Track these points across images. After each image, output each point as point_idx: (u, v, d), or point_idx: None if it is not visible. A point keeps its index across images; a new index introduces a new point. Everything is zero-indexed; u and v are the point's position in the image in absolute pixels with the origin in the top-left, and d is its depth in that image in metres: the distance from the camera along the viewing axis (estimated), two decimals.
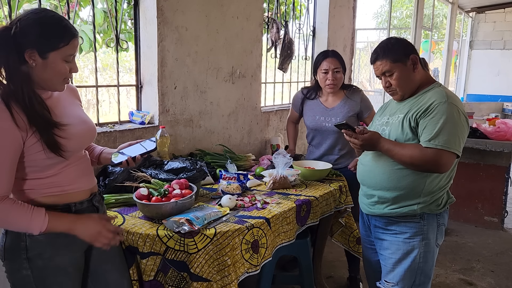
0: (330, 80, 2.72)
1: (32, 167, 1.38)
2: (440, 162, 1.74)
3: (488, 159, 4.10)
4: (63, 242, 1.45)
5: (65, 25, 1.36)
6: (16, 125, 1.29)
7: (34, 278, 1.41)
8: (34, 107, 1.33)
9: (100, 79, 2.60)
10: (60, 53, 1.34)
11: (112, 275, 1.66)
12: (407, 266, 1.89)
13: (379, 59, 1.87)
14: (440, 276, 3.16)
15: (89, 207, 1.55)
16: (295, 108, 3.01)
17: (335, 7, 4.68)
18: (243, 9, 3.31)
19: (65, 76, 1.39)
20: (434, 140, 1.72)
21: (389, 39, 1.96)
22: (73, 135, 1.43)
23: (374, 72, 1.93)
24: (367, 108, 2.83)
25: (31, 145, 1.34)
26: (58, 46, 1.33)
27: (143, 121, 2.68)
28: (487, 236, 3.98)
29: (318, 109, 2.85)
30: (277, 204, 2.18)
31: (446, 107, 1.75)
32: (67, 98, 1.53)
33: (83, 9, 3.41)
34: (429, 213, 1.87)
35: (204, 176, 2.28)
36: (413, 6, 7.30)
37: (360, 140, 1.83)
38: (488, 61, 9.97)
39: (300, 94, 2.98)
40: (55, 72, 1.35)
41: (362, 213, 2.11)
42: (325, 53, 2.81)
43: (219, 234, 1.78)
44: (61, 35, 1.34)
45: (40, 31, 1.31)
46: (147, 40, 2.68)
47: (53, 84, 1.39)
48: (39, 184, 1.41)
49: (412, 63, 1.85)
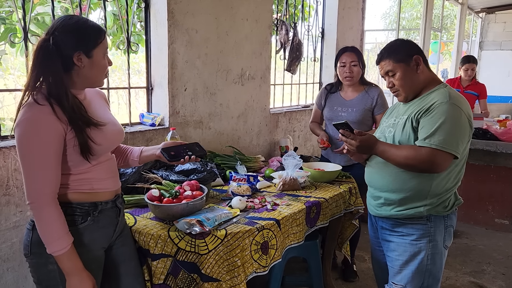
0: (347, 73, 2.84)
1: (67, 161, 1.45)
2: (435, 162, 1.71)
3: (499, 160, 4.06)
4: (87, 239, 1.50)
5: (94, 24, 1.48)
6: (58, 119, 1.37)
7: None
8: (73, 107, 1.41)
9: (109, 81, 2.63)
10: (100, 49, 1.46)
11: (126, 278, 1.69)
12: (414, 268, 1.88)
13: (383, 59, 1.88)
14: (451, 279, 3.14)
15: (113, 208, 1.60)
16: (318, 105, 3.09)
17: (344, 8, 4.68)
18: (252, 11, 3.32)
19: (106, 70, 1.51)
20: (429, 139, 1.71)
21: (395, 41, 1.97)
22: (107, 134, 1.51)
23: (379, 72, 1.94)
24: (382, 106, 2.87)
25: (69, 139, 1.42)
26: (97, 43, 1.45)
27: (153, 123, 2.71)
28: (498, 239, 3.95)
29: (337, 101, 2.97)
30: (287, 205, 2.19)
31: (446, 107, 1.73)
32: (98, 101, 1.61)
33: (93, 12, 3.45)
34: (436, 215, 1.85)
35: (214, 177, 2.29)
36: (422, 7, 7.26)
37: (357, 141, 1.82)
38: (498, 62, 9.87)
39: (323, 90, 3.10)
40: (100, 67, 1.47)
41: (370, 215, 2.11)
42: (345, 48, 2.93)
43: (230, 235, 1.79)
44: (97, 32, 1.46)
45: (81, 34, 1.42)
46: (158, 43, 2.70)
47: (98, 80, 1.51)
48: (71, 180, 1.47)
49: (415, 64, 1.85)
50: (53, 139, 1.37)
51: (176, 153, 1.69)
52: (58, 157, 1.40)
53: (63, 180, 1.46)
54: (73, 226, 1.47)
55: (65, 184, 1.47)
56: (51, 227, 1.38)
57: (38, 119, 1.35)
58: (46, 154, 1.37)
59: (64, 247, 1.39)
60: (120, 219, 1.65)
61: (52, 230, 1.38)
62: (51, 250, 1.39)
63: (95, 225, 1.53)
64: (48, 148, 1.37)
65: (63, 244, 1.39)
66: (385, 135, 1.97)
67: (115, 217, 1.62)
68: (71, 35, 1.40)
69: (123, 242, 1.68)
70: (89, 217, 1.51)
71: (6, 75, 5.41)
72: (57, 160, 1.40)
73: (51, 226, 1.38)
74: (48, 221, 1.38)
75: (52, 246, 1.39)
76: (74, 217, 1.48)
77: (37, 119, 1.35)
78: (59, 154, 1.40)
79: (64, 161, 1.44)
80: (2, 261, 2.07)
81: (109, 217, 1.59)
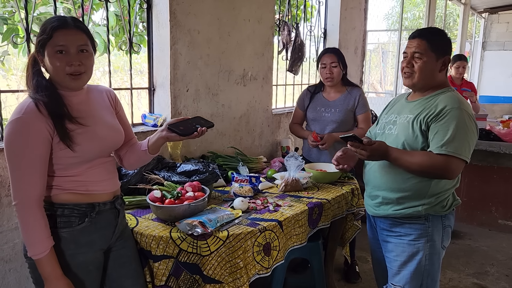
0: (328, 74, 2.89)
1: (57, 164, 1.44)
2: (450, 169, 1.72)
3: (502, 161, 4.04)
4: (85, 240, 1.49)
5: (48, 19, 1.43)
6: (46, 123, 1.37)
7: None
8: (52, 102, 1.40)
9: (111, 81, 2.63)
10: (50, 46, 1.39)
11: (126, 281, 1.68)
12: (413, 269, 1.87)
13: (421, 38, 1.83)
14: (454, 280, 3.13)
15: (112, 209, 1.59)
16: (300, 106, 3.11)
17: (347, 9, 4.67)
18: (255, 12, 3.32)
19: (64, 70, 1.40)
20: (446, 146, 1.70)
21: (441, 30, 1.93)
22: (95, 136, 1.49)
23: (406, 47, 1.88)
24: (363, 107, 2.93)
25: (56, 143, 1.40)
26: (45, 40, 1.39)
27: (155, 124, 2.70)
28: (501, 240, 3.93)
29: (320, 102, 3.00)
30: (289, 206, 2.18)
31: (458, 113, 1.73)
32: (101, 103, 1.59)
33: (95, 13, 3.45)
34: (434, 215, 1.85)
35: (216, 178, 2.29)
36: (424, 7, 7.24)
37: (368, 151, 1.79)
38: (502, 62, 9.84)
39: (306, 91, 3.12)
40: (53, 67, 1.40)
41: (368, 215, 2.10)
42: (326, 49, 3.03)
43: (232, 236, 1.78)
44: (44, 29, 1.40)
45: (39, 32, 1.41)
46: (160, 43, 2.70)
47: (60, 80, 1.43)
48: (63, 181, 1.47)
49: (442, 63, 1.84)
50: (39, 142, 1.37)
51: (185, 128, 1.59)
52: (43, 161, 1.39)
53: (58, 182, 1.45)
54: (70, 227, 1.47)
55: (60, 186, 1.46)
56: (32, 230, 1.38)
57: (26, 121, 1.35)
58: (31, 157, 1.36)
59: (43, 251, 1.38)
60: (120, 221, 1.64)
61: (33, 233, 1.38)
62: (31, 253, 1.39)
63: (93, 226, 1.52)
64: (33, 152, 1.36)
65: (43, 248, 1.38)
66: (385, 131, 1.96)
67: (113, 219, 1.60)
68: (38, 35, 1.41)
69: (124, 244, 1.67)
70: (86, 218, 1.50)
71: (9, 75, 5.41)
72: (42, 164, 1.39)
73: (32, 228, 1.38)
74: (30, 223, 1.37)
75: (31, 249, 1.39)
76: (71, 218, 1.47)
77: (25, 121, 1.35)
78: (45, 157, 1.39)
79: (56, 164, 1.43)
80: (4, 262, 2.07)
81: (107, 219, 1.58)
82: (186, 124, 1.61)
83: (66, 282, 1.43)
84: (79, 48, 1.42)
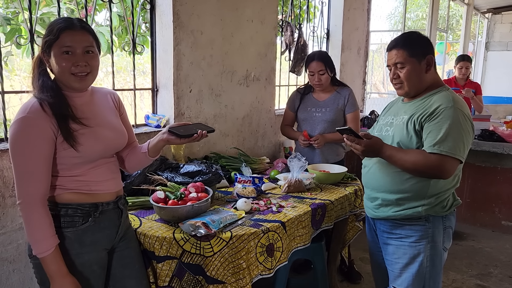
0: (316, 81, 2.93)
1: (61, 164, 1.45)
2: (444, 168, 1.71)
3: (506, 162, 4.03)
4: (89, 240, 1.50)
5: (54, 21, 1.45)
6: (50, 122, 1.38)
7: None
8: (56, 102, 1.42)
9: (114, 82, 2.63)
10: (57, 46, 1.41)
11: (130, 281, 1.68)
12: (414, 271, 1.86)
13: (396, 48, 1.83)
14: (457, 282, 3.12)
15: (115, 209, 1.60)
16: (291, 107, 3.12)
17: (350, 9, 4.66)
18: (258, 13, 3.32)
19: (70, 70, 1.42)
20: (439, 145, 1.69)
21: (413, 32, 1.93)
22: (98, 137, 1.50)
23: (387, 60, 1.89)
24: (352, 106, 2.96)
25: (60, 143, 1.42)
26: (51, 40, 1.41)
27: (158, 124, 2.71)
28: (505, 241, 3.91)
29: (310, 102, 3.03)
30: (292, 207, 2.18)
31: (452, 112, 1.72)
32: (105, 104, 1.61)
33: (98, 13, 3.46)
34: (434, 215, 1.84)
35: (219, 179, 2.29)
36: (427, 8, 7.23)
37: (362, 145, 1.78)
38: (505, 62, 9.80)
39: (296, 93, 3.15)
40: (59, 67, 1.42)
41: (368, 218, 2.09)
42: (312, 56, 2.99)
43: (235, 237, 1.78)
44: (50, 30, 1.42)
45: (45, 32, 1.43)
46: (163, 44, 2.70)
47: (65, 80, 1.44)
48: (67, 181, 1.48)
49: (426, 64, 1.83)
50: (43, 141, 1.38)
51: (186, 131, 1.62)
52: (48, 160, 1.41)
53: (62, 182, 1.47)
54: (74, 227, 1.48)
55: (63, 185, 1.47)
56: (37, 227, 1.39)
57: (30, 120, 1.37)
58: (36, 156, 1.38)
59: (48, 248, 1.39)
60: (123, 221, 1.65)
61: (37, 231, 1.39)
62: (36, 251, 1.39)
63: (97, 226, 1.53)
64: (37, 151, 1.38)
65: (48, 246, 1.39)
66: (382, 133, 1.95)
67: (117, 218, 1.61)
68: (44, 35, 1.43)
69: (127, 244, 1.68)
70: (90, 218, 1.51)
71: (12, 76, 5.42)
72: (46, 162, 1.40)
73: (37, 226, 1.38)
74: (34, 221, 1.38)
75: (36, 247, 1.39)
76: (75, 218, 1.48)
77: (29, 120, 1.37)
78: (49, 156, 1.41)
79: (59, 164, 1.45)
80: (8, 263, 2.08)
81: (110, 218, 1.59)
82: (186, 128, 1.65)
83: (72, 280, 1.44)
84: (85, 49, 1.44)
